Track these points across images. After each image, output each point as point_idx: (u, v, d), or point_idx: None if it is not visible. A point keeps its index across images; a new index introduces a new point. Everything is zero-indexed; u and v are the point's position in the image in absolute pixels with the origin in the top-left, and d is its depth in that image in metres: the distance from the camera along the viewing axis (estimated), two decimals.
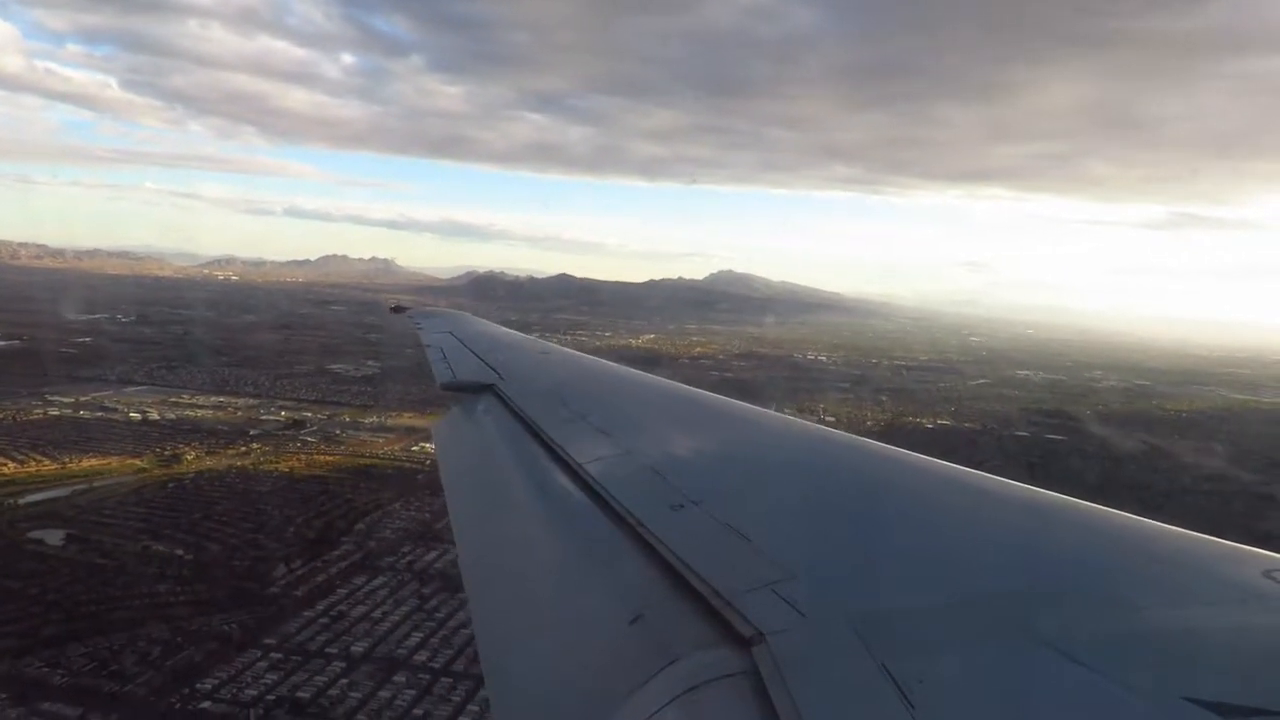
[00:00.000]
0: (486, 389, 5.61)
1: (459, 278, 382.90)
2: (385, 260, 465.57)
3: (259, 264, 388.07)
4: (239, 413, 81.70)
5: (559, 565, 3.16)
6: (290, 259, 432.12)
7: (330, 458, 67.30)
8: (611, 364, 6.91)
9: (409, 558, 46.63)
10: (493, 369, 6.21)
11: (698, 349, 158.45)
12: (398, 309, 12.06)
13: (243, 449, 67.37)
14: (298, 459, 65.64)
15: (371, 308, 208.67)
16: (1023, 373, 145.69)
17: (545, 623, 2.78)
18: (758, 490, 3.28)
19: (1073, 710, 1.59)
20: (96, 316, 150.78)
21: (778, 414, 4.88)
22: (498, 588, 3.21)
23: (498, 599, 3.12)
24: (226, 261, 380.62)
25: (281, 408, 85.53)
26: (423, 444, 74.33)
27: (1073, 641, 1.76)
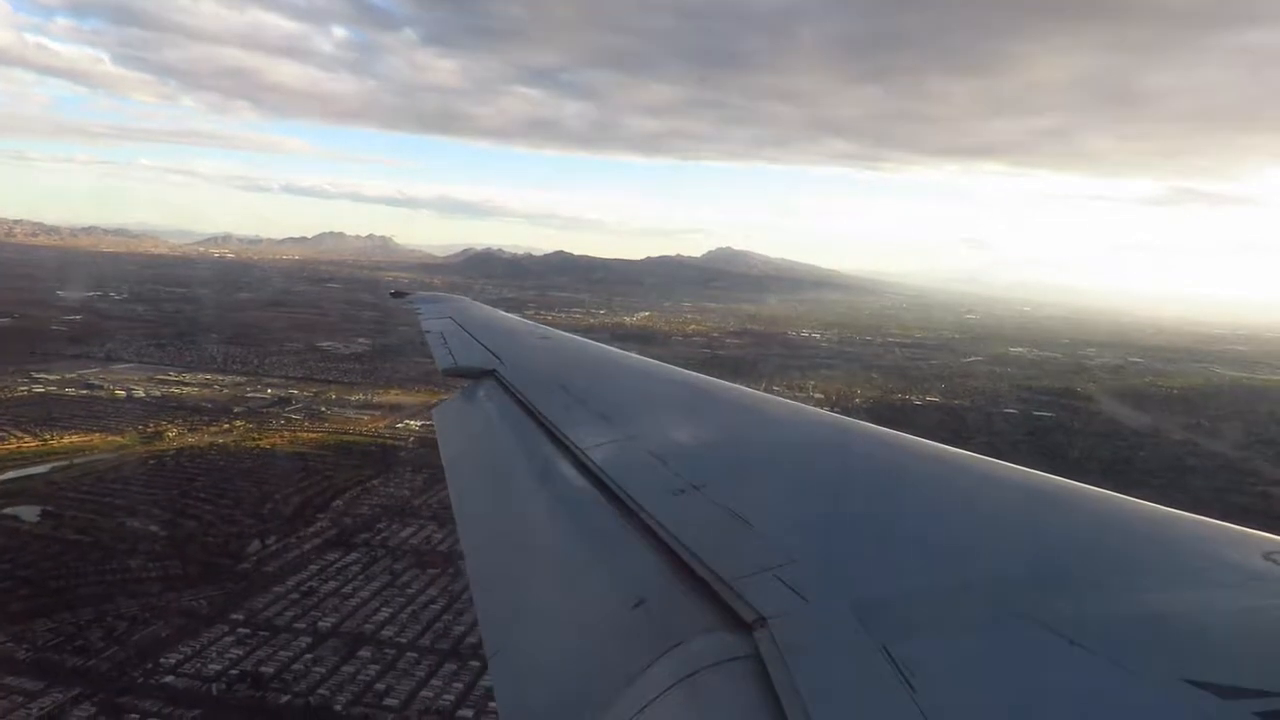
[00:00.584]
0: (488, 374, 5.63)
1: (456, 255, 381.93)
2: (383, 238, 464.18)
3: (256, 241, 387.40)
4: (225, 390, 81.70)
5: (562, 551, 3.16)
6: (287, 236, 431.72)
7: (313, 435, 67.34)
8: (613, 349, 6.94)
9: (384, 534, 46.79)
10: (494, 354, 6.22)
11: (692, 326, 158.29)
12: (398, 294, 12.06)
13: (226, 426, 67.39)
14: (280, 436, 65.69)
15: (367, 285, 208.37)
16: (1016, 350, 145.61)
17: (549, 607, 2.79)
18: (759, 475, 3.28)
19: (1074, 693, 1.59)
20: (89, 294, 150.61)
21: (779, 399, 4.85)
22: (501, 574, 3.21)
23: (501, 585, 3.12)
24: (223, 239, 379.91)
25: (268, 385, 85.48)
26: (407, 421, 74.47)
27: (1073, 624, 1.77)
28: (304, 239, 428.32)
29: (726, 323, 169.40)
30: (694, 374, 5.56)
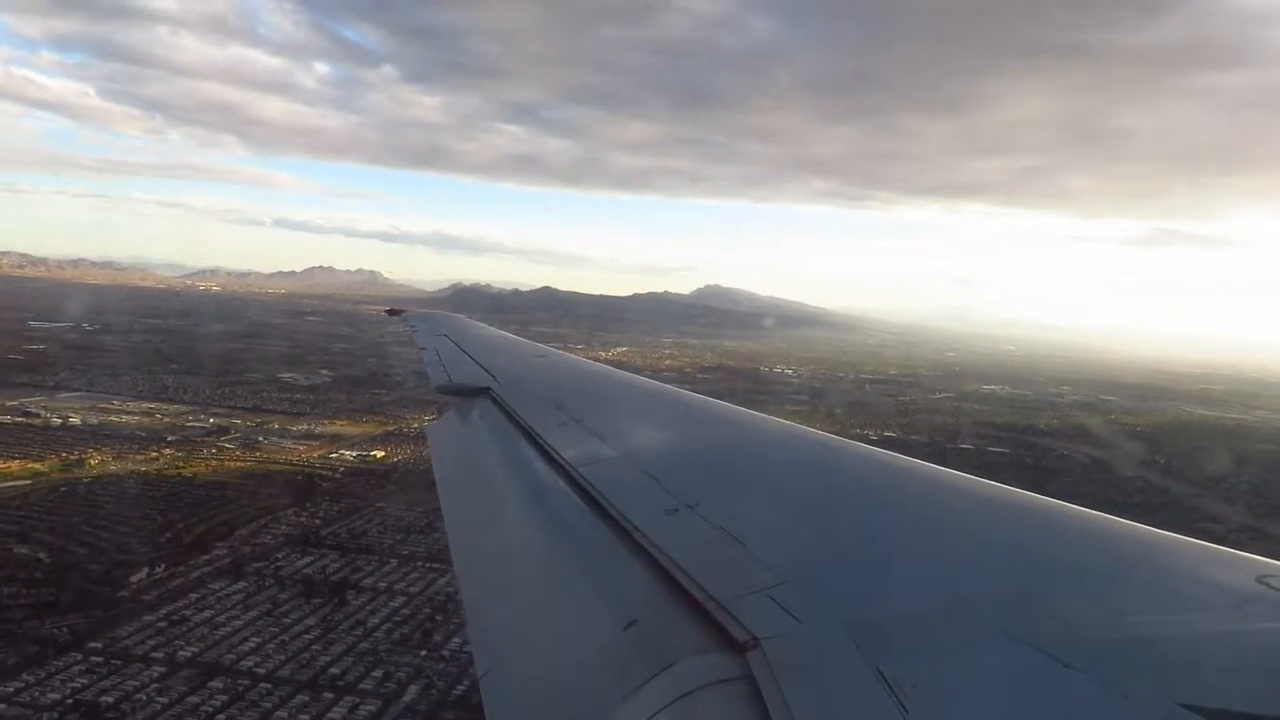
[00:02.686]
0: (482, 392, 5.70)
1: (444, 290, 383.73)
2: (372, 272, 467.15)
3: (244, 275, 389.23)
4: (166, 419, 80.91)
5: (554, 570, 3.15)
6: (276, 270, 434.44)
7: (240, 464, 66.43)
8: (608, 368, 6.94)
9: (279, 563, 45.73)
10: (488, 372, 6.25)
11: (666, 362, 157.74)
12: (394, 311, 12.43)
13: (153, 454, 66.49)
14: (205, 464, 64.78)
15: (348, 318, 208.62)
16: (989, 387, 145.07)
17: (540, 627, 2.78)
18: (753, 495, 3.29)
19: (1067, 716, 1.60)
20: (60, 324, 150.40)
21: (773, 419, 4.85)
22: (492, 593, 3.20)
23: (493, 603, 3.12)
24: (212, 273, 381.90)
25: (213, 415, 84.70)
26: (343, 451, 73.72)
27: (1067, 646, 1.78)
28: (293, 273, 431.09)
29: (702, 358, 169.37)
30: (689, 393, 5.62)
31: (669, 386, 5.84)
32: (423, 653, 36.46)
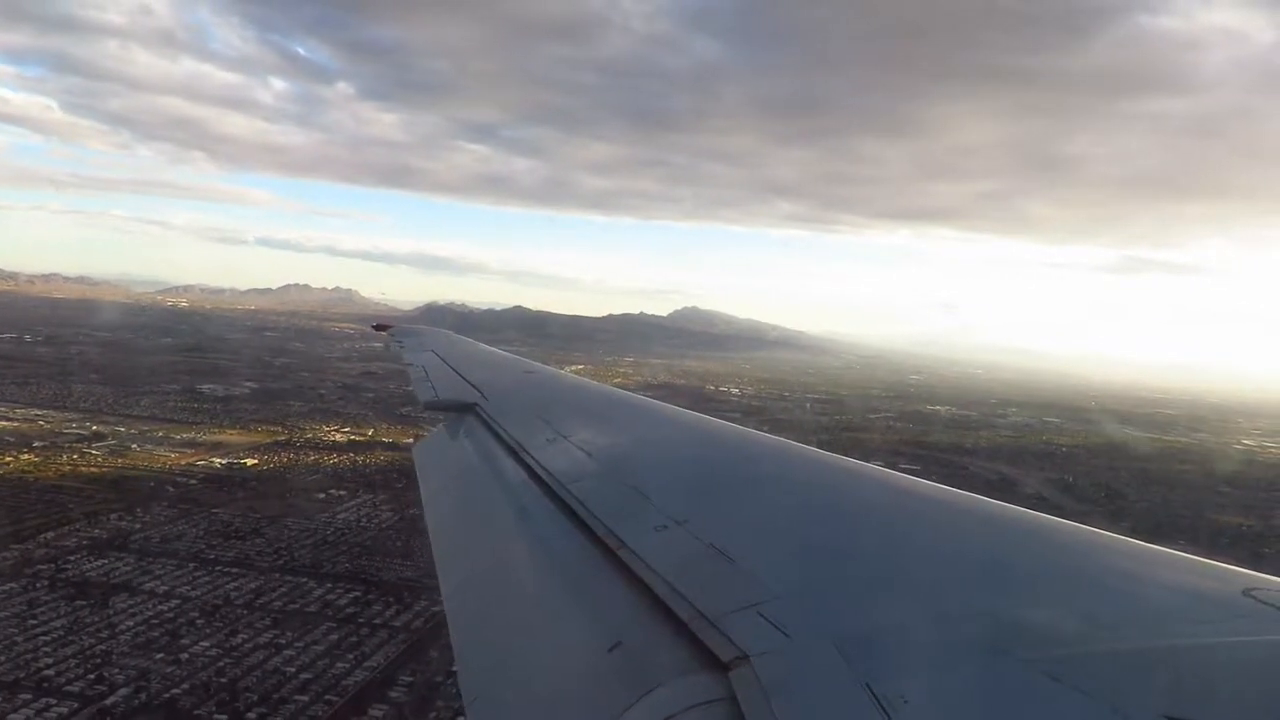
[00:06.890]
0: (469, 409, 5.63)
1: (419, 309, 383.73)
2: (347, 290, 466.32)
3: (218, 291, 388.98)
4: (47, 425, 79.54)
5: (541, 592, 3.12)
6: (252, 287, 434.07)
7: (95, 469, 64.98)
8: (597, 384, 6.91)
9: (66, 566, 44.11)
10: (476, 388, 6.19)
11: (617, 379, 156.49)
12: (380, 327, 12.50)
13: (8, 459, 65.02)
14: (57, 469, 63.35)
15: (306, 335, 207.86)
16: (933, 408, 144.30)
17: (526, 651, 2.72)
18: (742, 511, 3.26)
19: None
20: (2, 335, 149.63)
21: (761, 434, 4.80)
22: (478, 616, 3.17)
23: (478, 628, 3.08)
24: (186, 289, 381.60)
25: (101, 422, 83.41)
26: (213, 459, 72.32)
27: (1055, 660, 1.78)
28: (268, 290, 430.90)
29: (656, 376, 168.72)
30: (676, 409, 5.51)
31: (659, 403, 5.73)
32: (159, 656, 34.86)
